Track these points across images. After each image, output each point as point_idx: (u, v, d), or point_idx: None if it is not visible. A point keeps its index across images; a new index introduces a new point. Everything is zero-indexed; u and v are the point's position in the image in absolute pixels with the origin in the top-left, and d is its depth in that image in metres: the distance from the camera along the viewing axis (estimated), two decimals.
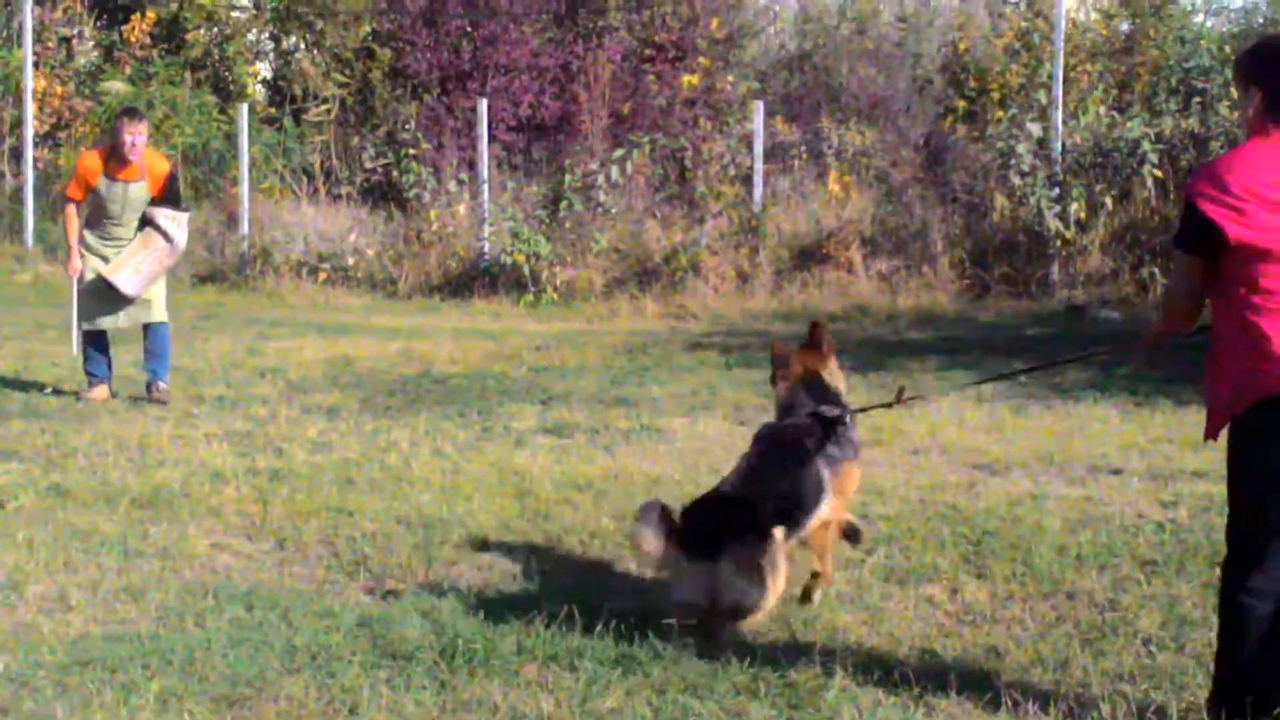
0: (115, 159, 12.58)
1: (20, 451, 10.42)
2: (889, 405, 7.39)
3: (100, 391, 12.80)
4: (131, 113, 12.77)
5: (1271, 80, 5.24)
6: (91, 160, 12.71)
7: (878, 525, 8.46)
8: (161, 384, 12.82)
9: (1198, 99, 19.74)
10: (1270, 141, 5.22)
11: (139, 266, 12.68)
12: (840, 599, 7.12)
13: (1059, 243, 19.06)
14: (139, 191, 12.67)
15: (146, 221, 12.77)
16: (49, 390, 13.02)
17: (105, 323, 12.84)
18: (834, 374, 7.40)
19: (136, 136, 12.48)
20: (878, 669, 6.09)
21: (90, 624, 6.82)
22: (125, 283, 12.61)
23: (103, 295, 12.66)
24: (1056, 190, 19.12)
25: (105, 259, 12.73)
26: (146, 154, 12.70)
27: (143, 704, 5.80)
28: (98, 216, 12.84)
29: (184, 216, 13.02)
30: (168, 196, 12.84)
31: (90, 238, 12.82)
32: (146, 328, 12.92)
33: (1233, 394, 5.26)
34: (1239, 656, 5.33)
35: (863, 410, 7.44)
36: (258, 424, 11.64)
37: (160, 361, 12.89)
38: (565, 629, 6.55)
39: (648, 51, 25.65)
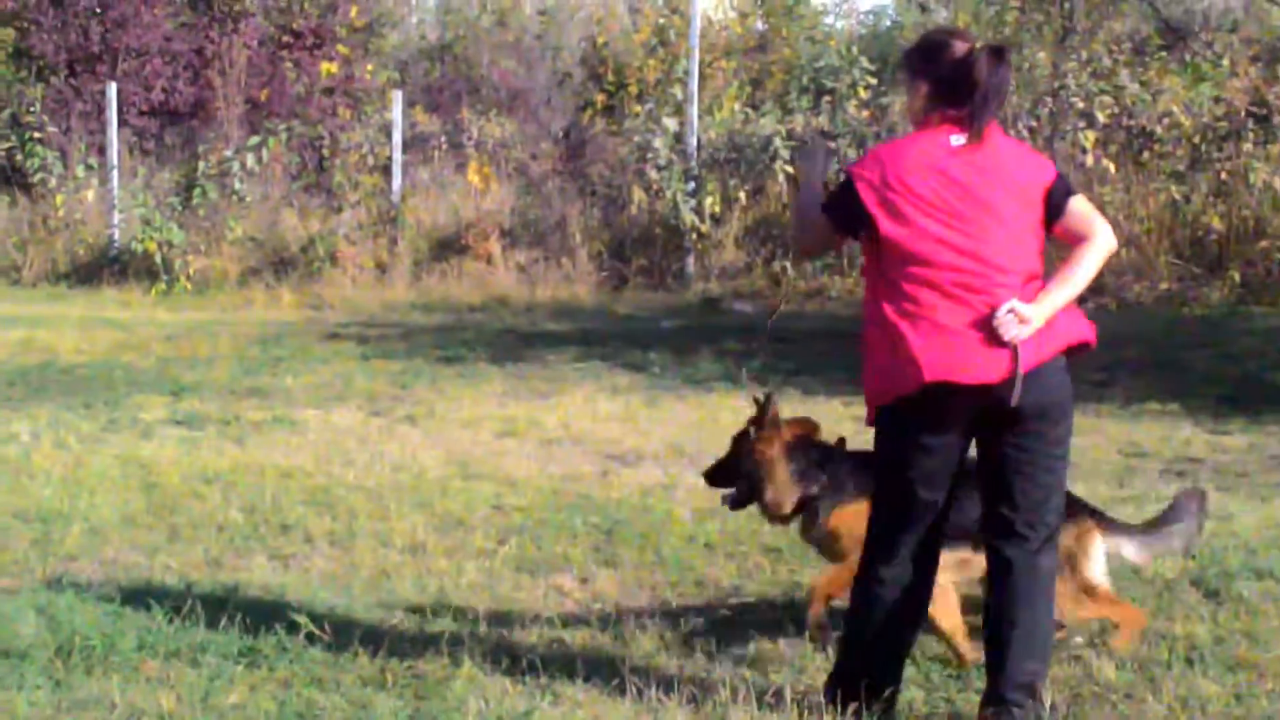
0: None
1: None
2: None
3: None
4: None
5: (934, 73, 5.38)
6: None
7: (512, 515, 8.48)
8: None
9: (827, 98, 20.24)
10: (934, 131, 5.35)
11: None
12: (471, 589, 7.11)
13: (694, 236, 19.36)
14: None
15: None
16: None
17: None
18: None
19: None
20: (506, 658, 6.08)
21: None
22: None
23: None
24: (692, 184, 19.42)
25: None
26: None
27: None
28: None
29: None
30: None
31: None
32: None
33: (878, 387, 5.37)
34: (862, 640, 5.47)
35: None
36: None
37: None
38: (188, 624, 6.39)
39: (286, 38, 25.31)
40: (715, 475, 6.89)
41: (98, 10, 24.73)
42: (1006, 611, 5.35)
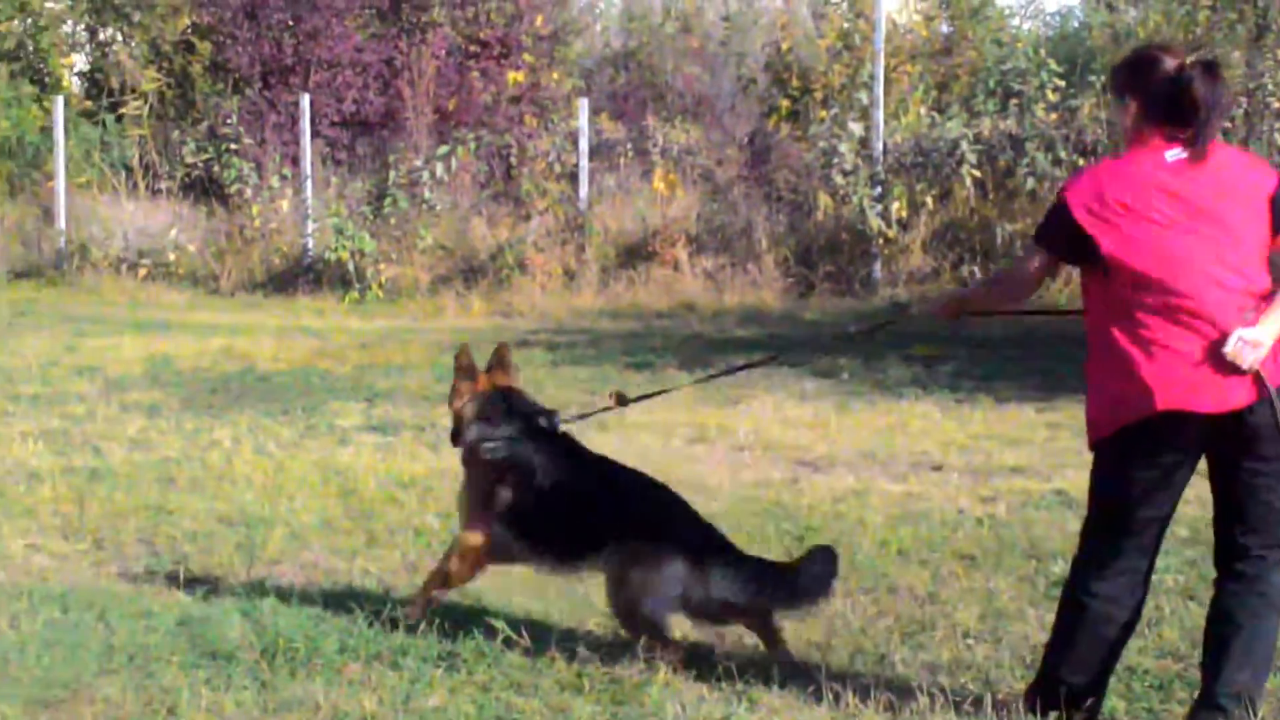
0: None
1: None
2: (608, 409, 7.25)
3: None
4: None
5: (1144, 89, 5.29)
6: None
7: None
8: None
9: (1015, 100, 20.04)
10: (1148, 150, 5.27)
11: None
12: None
13: (881, 241, 19.26)
14: None
15: None
16: None
17: None
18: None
19: None
20: (701, 664, 6.11)
21: None
22: None
23: None
24: (878, 189, 19.32)
25: None
26: None
27: None
28: None
29: None
30: None
31: None
32: None
33: (1104, 417, 5.29)
34: (1070, 652, 5.42)
35: (583, 416, 7.47)
36: (75, 422, 11.45)
37: None
38: (389, 627, 6.50)
39: (473, 48, 25.57)
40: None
41: (291, 23, 25.18)
42: (1231, 619, 5.27)
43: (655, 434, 11.13)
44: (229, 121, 23.48)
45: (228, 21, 25.38)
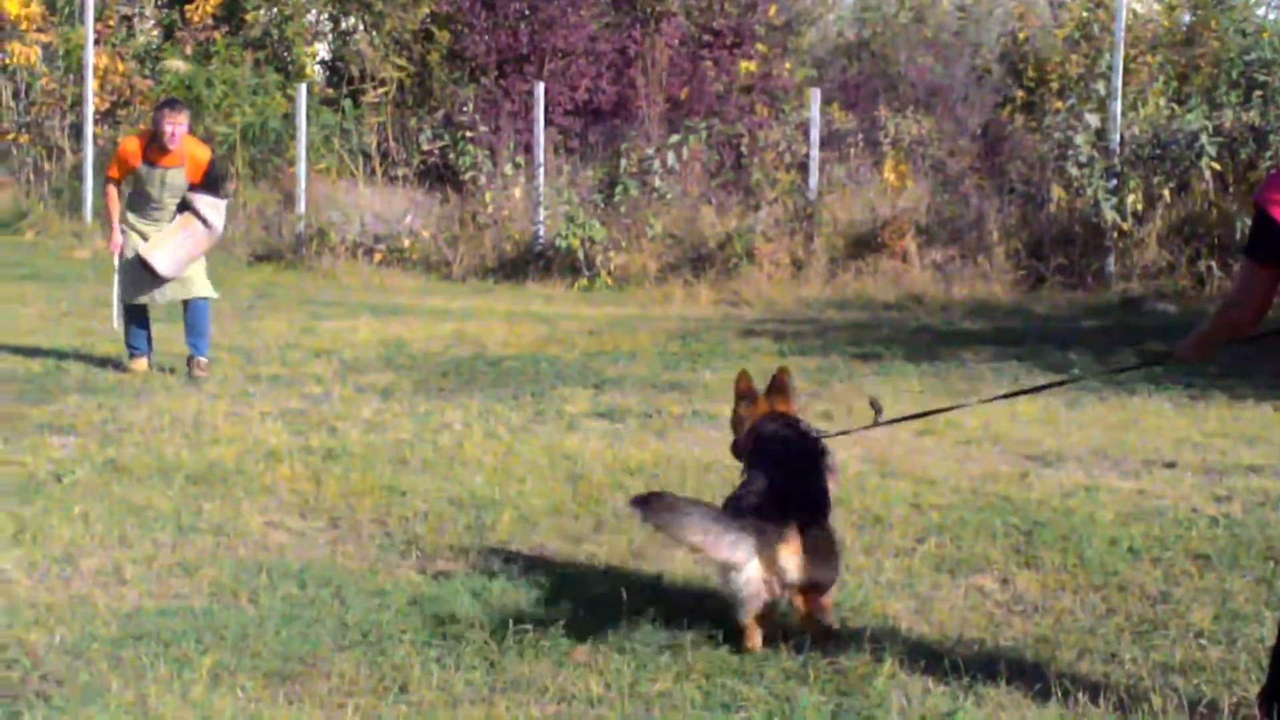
0: (156, 146, 12.85)
1: (77, 426, 10.51)
2: (871, 426, 7.24)
3: (140, 364, 13.10)
4: (173, 104, 13.11)
5: None
6: (132, 144, 13.00)
7: (929, 514, 8.45)
8: (201, 359, 13.05)
9: (1259, 92, 19.61)
10: None
11: (177, 248, 12.91)
12: (890, 587, 7.12)
13: (1115, 235, 18.97)
14: (178, 178, 12.92)
15: (186, 206, 13.03)
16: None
17: (145, 297, 13.02)
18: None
19: (177, 126, 12.76)
20: (927, 657, 6.08)
21: (144, 598, 6.86)
22: (161, 262, 12.81)
23: (143, 271, 12.86)
24: (1114, 182, 19.04)
25: (145, 237, 12.96)
26: (187, 142, 12.95)
27: (195, 678, 5.84)
28: (138, 199, 13.11)
29: (223, 204, 13.29)
30: (207, 183, 13.09)
31: (131, 217, 13.10)
32: (187, 303, 13.12)
33: None
34: None
35: (845, 433, 7.46)
36: (312, 403, 11.71)
37: (200, 337, 13.11)
38: (616, 612, 6.56)
39: (705, 37, 25.65)
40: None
41: (527, 13, 25.48)
42: None
43: (883, 427, 11.06)
44: (465, 109, 23.84)
45: (465, 11, 25.76)
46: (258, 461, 9.53)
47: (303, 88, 23.73)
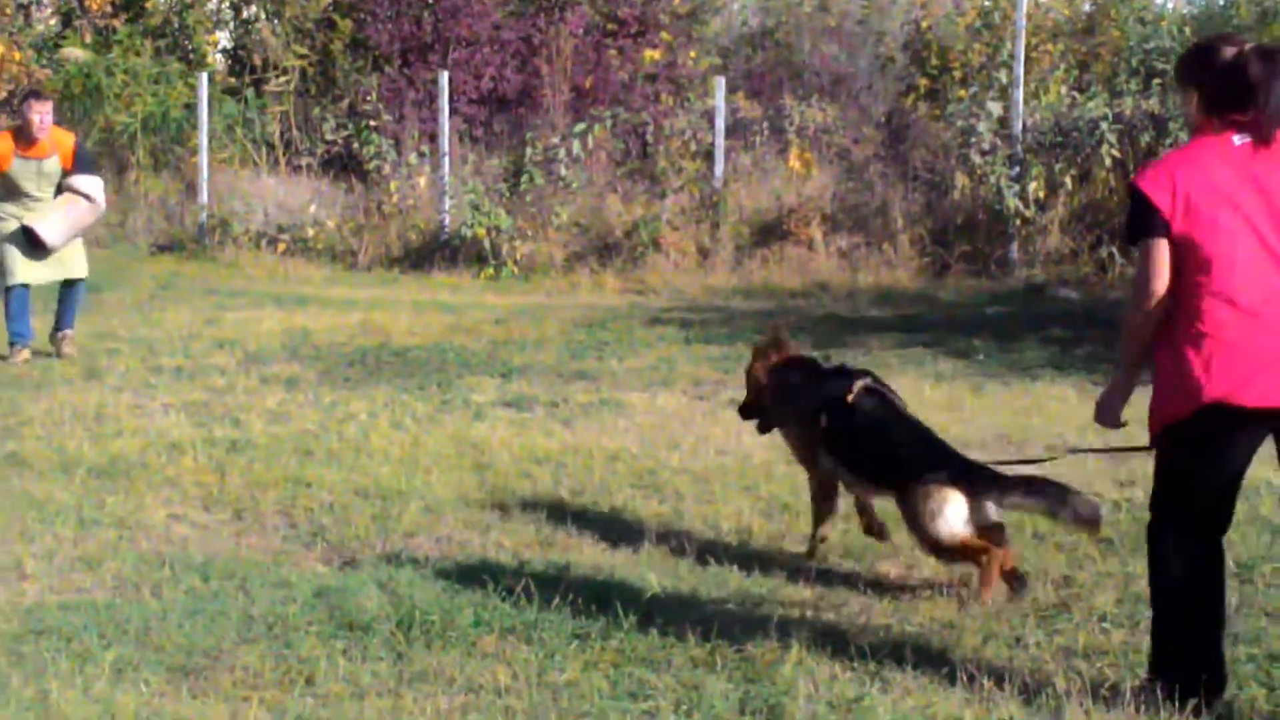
0: (24, 139, 13.11)
1: None
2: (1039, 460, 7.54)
3: (25, 353, 13.23)
4: (37, 93, 13.75)
5: (1204, 78, 5.42)
6: (3, 143, 13.12)
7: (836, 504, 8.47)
8: (69, 332, 13.47)
9: (1158, 80, 19.79)
10: (1214, 137, 5.37)
11: (61, 220, 13.19)
12: (796, 573, 7.14)
13: (1018, 222, 19.09)
14: (52, 166, 13.19)
15: (64, 190, 13.25)
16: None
17: (28, 276, 13.26)
18: None
19: (44, 115, 13.08)
20: (833, 643, 6.12)
21: (45, 593, 6.81)
22: (48, 231, 13.10)
23: (25, 251, 13.17)
24: (1016, 169, 19.16)
25: (20, 221, 13.15)
26: (53, 131, 13.24)
27: (98, 673, 5.79)
28: (15, 194, 13.21)
29: (99, 181, 13.51)
30: (80, 164, 13.32)
31: (11, 208, 13.22)
32: (64, 284, 13.51)
33: (1162, 406, 5.54)
34: (1165, 629, 5.58)
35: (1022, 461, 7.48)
36: (216, 394, 11.63)
37: (69, 311, 13.52)
38: (523, 601, 6.56)
39: (610, 26, 25.60)
40: (744, 409, 8.19)
41: (430, 1, 25.35)
42: None
43: None
44: (369, 98, 23.71)
45: (369, 0, 25.61)
46: (160, 454, 9.47)
47: (204, 76, 23.51)
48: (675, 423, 10.72)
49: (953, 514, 6.82)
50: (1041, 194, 19.12)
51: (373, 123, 22.86)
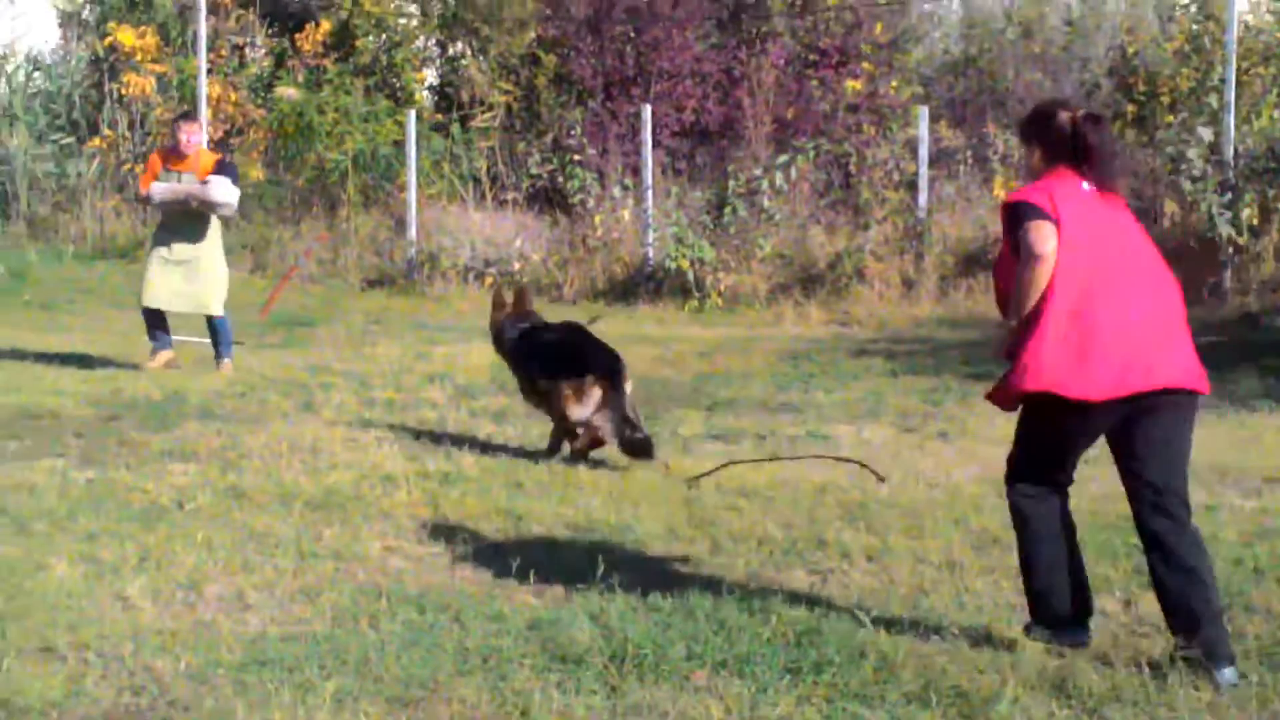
0: (173, 155, 14.59)
1: (198, 453, 10.63)
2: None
3: (161, 357, 14.68)
4: (188, 115, 15.38)
5: (1045, 138, 6.45)
6: (155, 158, 14.87)
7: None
8: (227, 361, 14.65)
9: None
10: (1070, 176, 6.36)
11: (174, 189, 14.44)
12: (1009, 607, 7.07)
13: (1231, 249, 18.75)
14: (191, 180, 14.38)
15: None
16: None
17: (157, 301, 14.56)
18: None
19: (191, 135, 14.56)
20: (1049, 680, 6.05)
21: (268, 624, 6.94)
22: (157, 188, 14.49)
23: (164, 280, 14.49)
24: (1228, 196, 18.81)
25: (169, 246, 14.55)
26: (201, 151, 14.67)
27: (319, 703, 5.90)
28: (160, 209, 14.71)
29: (230, 186, 14.47)
30: (217, 173, 14.51)
31: (161, 230, 14.75)
32: (207, 319, 14.76)
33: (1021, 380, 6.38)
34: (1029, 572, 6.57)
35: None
36: (428, 427, 11.79)
37: (221, 345, 14.69)
38: (734, 635, 6.57)
39: (811, 57, 25.60)
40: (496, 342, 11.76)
41: (632, 35, 25.54)
42: None
43: (997, 445, 10.99)
44: (573, 133, 23.94)
45: (572, 35, 25.88)
46: (375, 486, 9.62)
47: (412, 114, 23.90)
48: (883, 455, 10.66)
49: (575, 405, 10.52)
50: (1255, 220, 18.76)
51: (577, 157, 23.09)
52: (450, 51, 28.28)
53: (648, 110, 22.66)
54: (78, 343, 16.30)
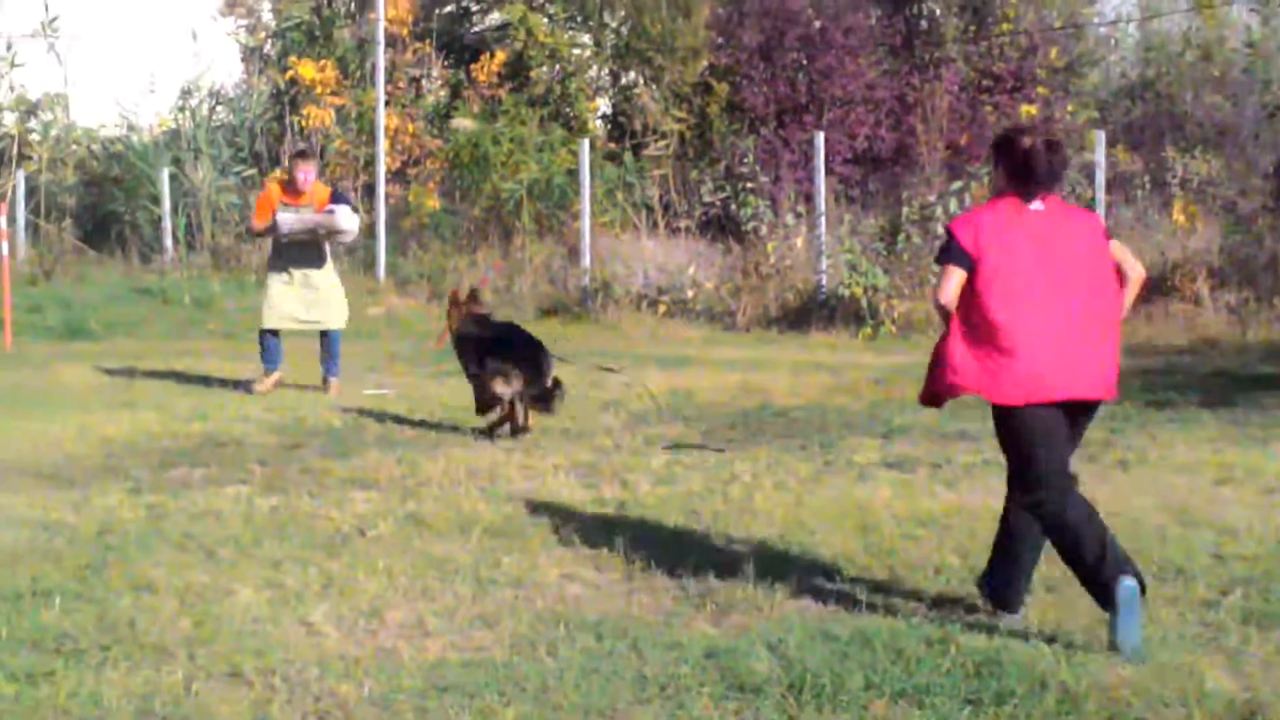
0: (290, 190, 15.40)
1: (378, 480, 10.78)
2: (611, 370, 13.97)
3: (272, 379, 15.57)
4: (303, 154, 15.90)
5: (1006, 161, 7.22)
6: (270, 191, 15.72)
7: (1233, 566, 8.25)
8: (334, 380, 15.57)
9: None
10: (1005, 201, 7.19)
11: (302, 219, 15.26)
12: (1197, 641, 6.96)
13: None
14: (307, 212, 15.28)
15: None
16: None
17: (278, 323, 15.53)
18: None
19: (307, 173, 15.38)
20: (1239, 713, 5.94)
21: (447, 650, 7.01)
22: (284, 220, 15.19)
23: (284, 303, 15.44)
24: None
25: (287, 271, 15.54)
26: (315, 185, 15.48)
27: None
28: (277, 241, 15.52)
29: (350, 212, 15.53)
30: (334, 202, 15.47)
31: (275, 258, 15.64)
32: (323, 334, 15.65)
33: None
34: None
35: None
36: (602, 455, 11.86)
37: (333, 360, 15.64)
38: (913, 665, 6.53)
39: (985, 82, 25.48)
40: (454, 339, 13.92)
41: (804, 63, 25.56)
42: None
43: (1179, 474, 10.86)
44: (745, 160, 23.98)
45: (744, 63, 25.96)
46: (552, 513, 9.68)
47: (585, 143, 24.08)
48: None
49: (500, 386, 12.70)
50: None
51: (749, 184, 23.13)
52: (623, 80, 28.48)
53: (820, 137, 22.65)
54: (260, 370, 16.59)
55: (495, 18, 29.73)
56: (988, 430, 12.69)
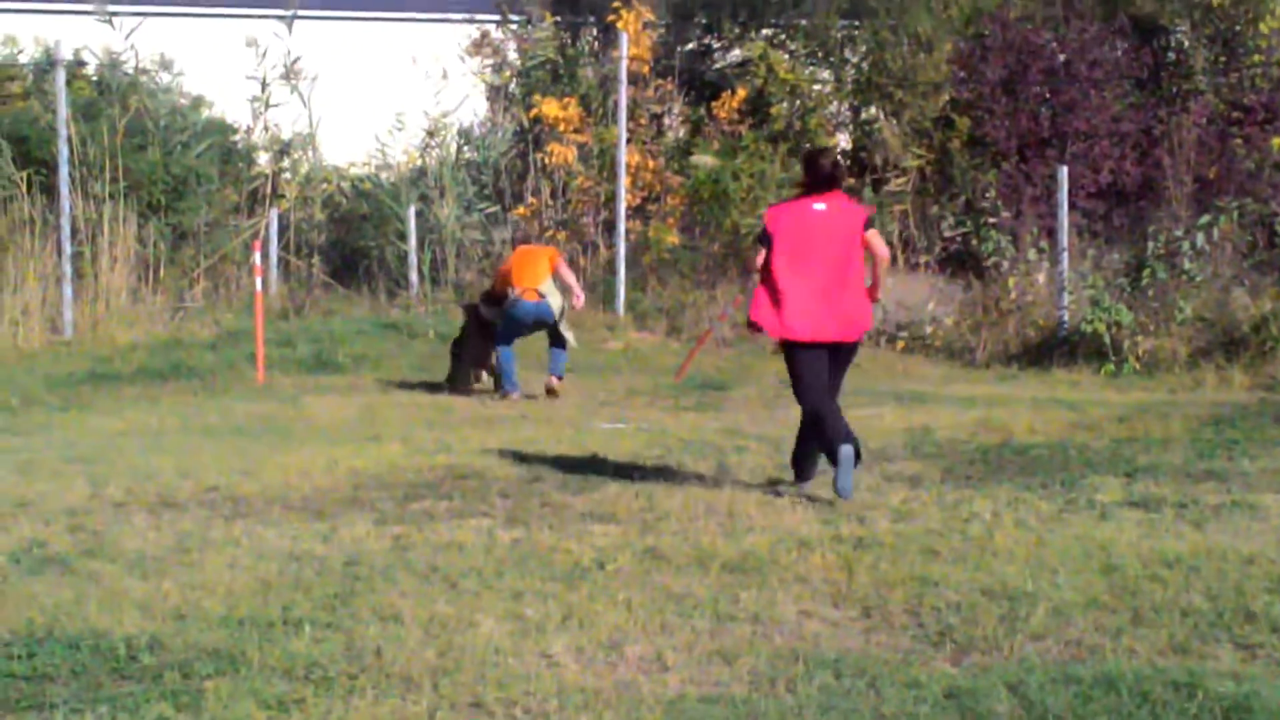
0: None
1: (617, 514, 10.87)
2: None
3: (517, 395, 17.53)
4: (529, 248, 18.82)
5: (807, 173, 11.10)
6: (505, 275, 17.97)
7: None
8: (553, 379, 17.64)
9: None
10: (805, 199, 11.09)
11: (560, 300, 17.67)
12: None
13: None
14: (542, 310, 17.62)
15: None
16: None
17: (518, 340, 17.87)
18: None
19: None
20: None
21: (686, 685, 7.05)
22: (553, 302, 17.48)
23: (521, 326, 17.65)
24: None
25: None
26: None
27: None
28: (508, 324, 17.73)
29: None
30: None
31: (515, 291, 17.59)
32: (551, 344, 17.80)
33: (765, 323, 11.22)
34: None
35: None
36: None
37: (557, 363, 17.68)
38: (1159, 710, 6.42)
39: (1235, 114, 24.96)
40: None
41: (1048, 96, 25.30)
42: None
43: None
44: (986, 195, 23.80)
45: (986, 97, 25.76)
46: (790, 550, 9.67)
47: None
48: None
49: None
50: None
51: (990, 219, 22.95)
52: (863, 116, 28.43)
53: (1063, 171, 22.38)
54: (501, 404, 16.87)
55: (736, 54, 29.87)
56: (1236, 470, 12.55)
